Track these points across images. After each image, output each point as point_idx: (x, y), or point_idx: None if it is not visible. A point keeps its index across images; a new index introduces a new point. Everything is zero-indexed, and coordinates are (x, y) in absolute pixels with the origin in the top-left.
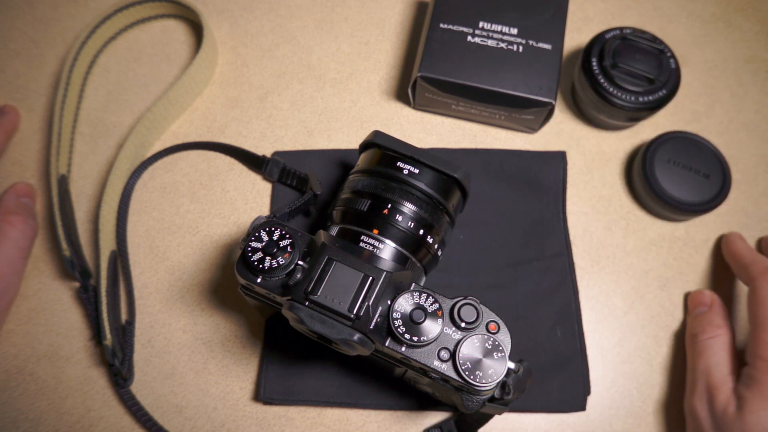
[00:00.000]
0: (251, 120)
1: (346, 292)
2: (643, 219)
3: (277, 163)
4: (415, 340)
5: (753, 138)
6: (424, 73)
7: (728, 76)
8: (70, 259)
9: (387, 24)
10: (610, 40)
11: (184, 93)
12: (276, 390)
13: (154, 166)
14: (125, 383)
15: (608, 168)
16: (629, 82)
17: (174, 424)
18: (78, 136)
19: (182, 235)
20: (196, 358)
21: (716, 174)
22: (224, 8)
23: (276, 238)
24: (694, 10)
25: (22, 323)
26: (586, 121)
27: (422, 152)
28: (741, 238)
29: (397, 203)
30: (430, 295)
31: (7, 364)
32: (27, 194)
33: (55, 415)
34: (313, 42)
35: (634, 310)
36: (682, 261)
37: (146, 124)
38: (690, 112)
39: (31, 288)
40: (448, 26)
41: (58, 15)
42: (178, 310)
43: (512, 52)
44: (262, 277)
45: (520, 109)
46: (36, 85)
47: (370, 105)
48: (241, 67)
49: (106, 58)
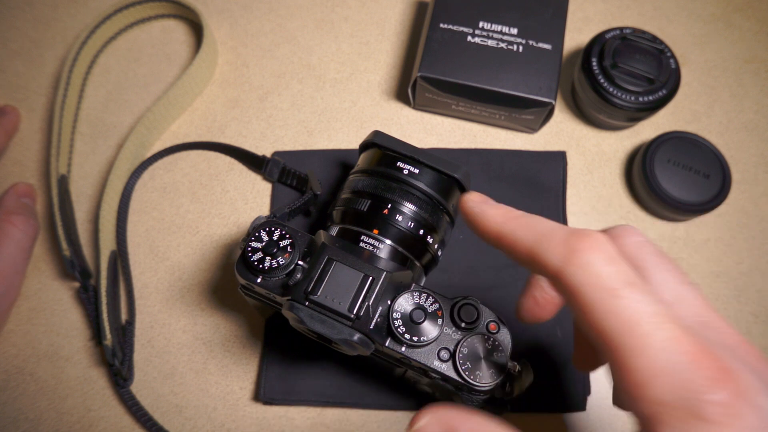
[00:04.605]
0: (251, 120)
1: (346, 292)
2: (643, 219)
3: (277, 163)
4: (415, 340)
5: (753, 138)
6: (424, 73)
7: (728, 76)
8: (70, 259)
9: (387, 24)
10: (610, 40)
11: (184, 93)
12: (276, 390)
13: (154, 166)
14: (125, 383)
15: (608, 168)
16: (629, 82)
17: (174, 424)
18: (78, 136)
19: (182, 235)
20: (196, 358)
21: (716, 174)
22: (224, 8)
23: (276, 238)
24: (694, 10)
25: (22, 323)
26: (586, 121)
27: (422, 152)
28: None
29: (397, 203)
30: (430, 295)
31: (7, 364)
32: (27, 194)
33: (55, 415)
34: (313, 42)
35: None
36: (682, 261)
37: (146, 124)
38: (690, 112)
39: (32, 288)
40: (448, 26)
41: (58, 15)
42: (178, 310)
43: (512, 52)
44: (262, 277)
45: (520, 109)
46: (36, 85)
47: (370, 105)
48: (241, 67)
49: (106, 58)
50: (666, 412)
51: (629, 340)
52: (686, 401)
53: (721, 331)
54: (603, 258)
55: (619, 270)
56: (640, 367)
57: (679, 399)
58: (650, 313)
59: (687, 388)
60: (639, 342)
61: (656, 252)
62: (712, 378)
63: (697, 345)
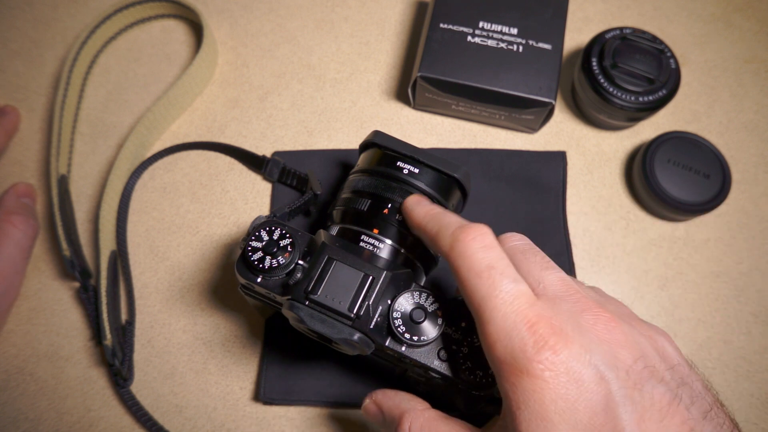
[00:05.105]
0: (251, 120)
1: (346, 292)
2: (643, 219)
3: (277, 163)
4: (416, 339)
5: (753, 138)
6: (424, 73)
7: (728, 76)
8: (70, 259)
9: (387, 24)
10: (610, 40)
11: (184, 93)
12: (276, 390)
13: (154, 166)
14: (125, 383)
15: (608, 168)
16: (629, 82)
17: (174, 424)
18: (78, 136)
19: (182, 235)
20: (196, 358)
21: (716, 174)
22: (224, 8)
23: (276, 237)
24: (694, 10)
25: (22, 323)
26: (586, 121)
27: (422, 152)
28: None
29: (397, 203)
30: (430, 295)
31: (7, 364)
32: (27, 194)
33: (55, 415)
34: (313, 42)
35: (634, 310)
36: (682, 261)
37: (146, 124)
38: (690, 112)
39: (31, 288)
40: (448, 26)
41: (58, 15)
42: (178, 310)
43: (512, 52)
44: (262, 276)
45: (520, 109)
46: (36, 85)
47: (370, 105)
48: (241, 67)
49: (106, 58)
50: (505, 368)
51: (484, 312)
52: (518, 360)
53: (574, 300)
54: (476, 247)
55: (486, 256)
56: (490, 332)
57: (514, 358)
58: (503, 291)
59: (521, 349)
60: (489, 313)
61: (525, 249)
62: (542, 341)
63: (537, 315)
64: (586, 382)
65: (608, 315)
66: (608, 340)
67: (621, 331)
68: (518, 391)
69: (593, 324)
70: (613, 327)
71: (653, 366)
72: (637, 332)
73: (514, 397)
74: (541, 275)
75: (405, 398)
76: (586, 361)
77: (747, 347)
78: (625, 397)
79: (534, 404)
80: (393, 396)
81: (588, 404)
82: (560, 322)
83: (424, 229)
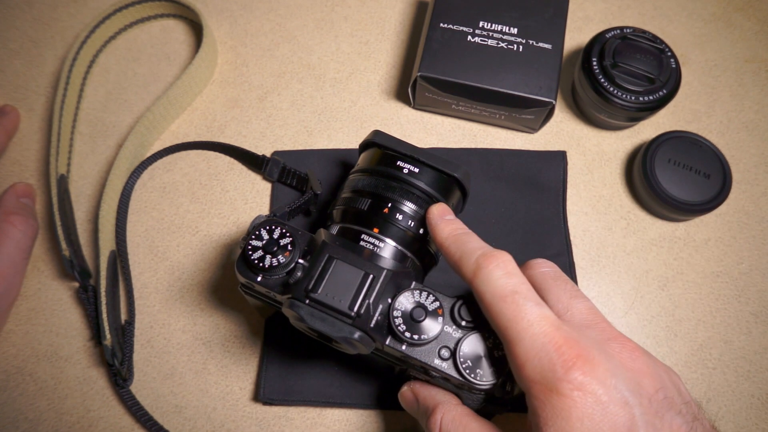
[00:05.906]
0: (251, 120)
1: (346, 290)
2: (643, 219)
3: (277, 163)
4: (416, 338)
5: (753, 138)
6: (424, 72)
7: (728, 75)
8: (70, 259)
9: (387, 24)
10: (610, 39)
11: (183, 93)
12: (276, 390)
13: (153, 166)
14: (125, 383)
15: (608, 168)
16: (629, 82)
17: (174, 424)
18: (78, 135)
19: (182, 235)
20: (195, 358)
21: (716, 174)
22: (224, 8)
23: (276, 236)
24: (694, 10)
25: (21, 323)
26: (586, 121)
27: (422, 151)
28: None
29: (397, 202)
30: (430, 294)
31: (6, 364)
32: (27, 194)
33: (54, 415)
34: (313, 42)
35: (634, 310)
36: (682, 261)
37: (146, 123)
38: (690, 112)
39: (31, 288)
40: (448, 26)
41: (58, 15)
42: (178, 310)
43: (512, 51)
44: (262, 275)
45: (520, 109)
46: (36, 85)
47: (370, 105)
48: (240, 66)
49: (106, 58)
50: (535, 387)
51: (511, 334)
52: (548, 379)
53: (601, 329)
54: (499, 273)
55: (510, 282)
56: (519, 353)
57: (544, 377)
58: (530, 314)
59: (550, 370)
60: (517, 334)
61: (556, 276)
62: (570, 362)
63: (564, 338)
64: (611, 404)
65: (633, 345)
66: (632, 368)
67: (644, 362)
68: (547, 409)
69: (619, 352)
70: (637, 356)
71: (672, 398)
72: (657, 365)
73: (542, 414)
74: (570, 303)
75: (440, 392)
76: (612, 386)
77: (747, 347)
78: (647, 423)
79: (561, 422)
80: (429, 388)
81: (612, 426)
82: (586, 346)
83: (446, 251)
